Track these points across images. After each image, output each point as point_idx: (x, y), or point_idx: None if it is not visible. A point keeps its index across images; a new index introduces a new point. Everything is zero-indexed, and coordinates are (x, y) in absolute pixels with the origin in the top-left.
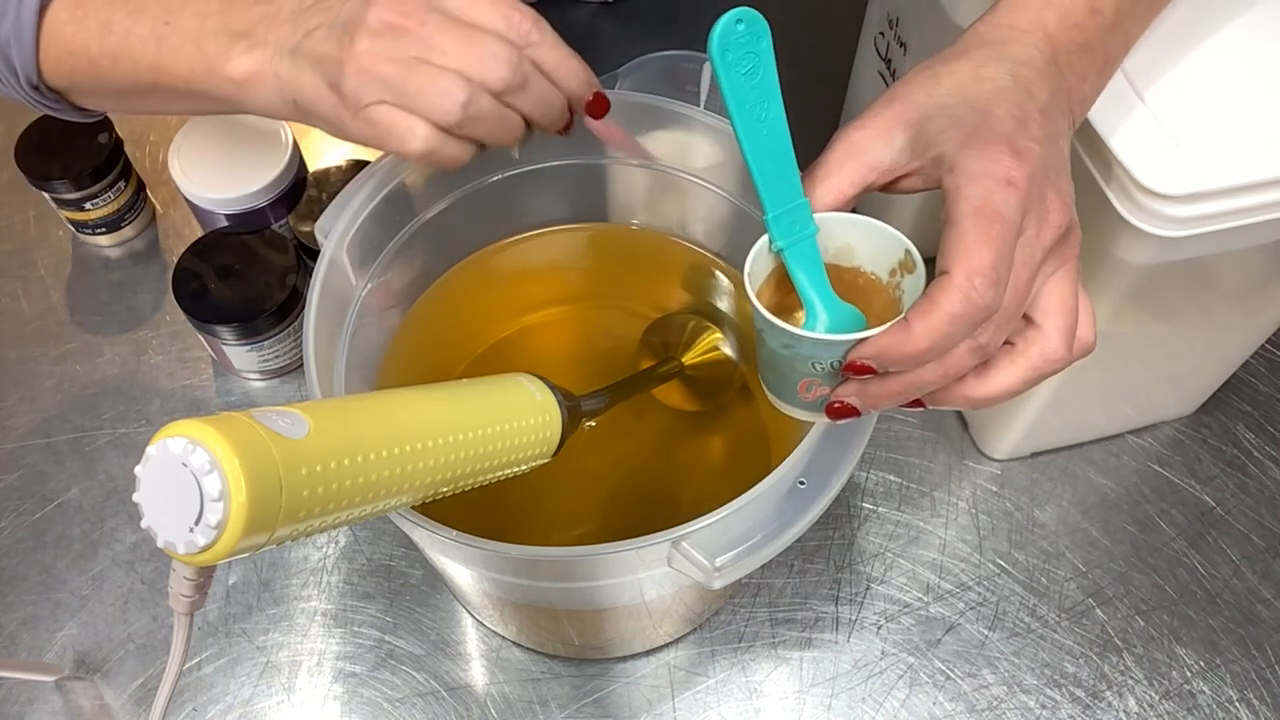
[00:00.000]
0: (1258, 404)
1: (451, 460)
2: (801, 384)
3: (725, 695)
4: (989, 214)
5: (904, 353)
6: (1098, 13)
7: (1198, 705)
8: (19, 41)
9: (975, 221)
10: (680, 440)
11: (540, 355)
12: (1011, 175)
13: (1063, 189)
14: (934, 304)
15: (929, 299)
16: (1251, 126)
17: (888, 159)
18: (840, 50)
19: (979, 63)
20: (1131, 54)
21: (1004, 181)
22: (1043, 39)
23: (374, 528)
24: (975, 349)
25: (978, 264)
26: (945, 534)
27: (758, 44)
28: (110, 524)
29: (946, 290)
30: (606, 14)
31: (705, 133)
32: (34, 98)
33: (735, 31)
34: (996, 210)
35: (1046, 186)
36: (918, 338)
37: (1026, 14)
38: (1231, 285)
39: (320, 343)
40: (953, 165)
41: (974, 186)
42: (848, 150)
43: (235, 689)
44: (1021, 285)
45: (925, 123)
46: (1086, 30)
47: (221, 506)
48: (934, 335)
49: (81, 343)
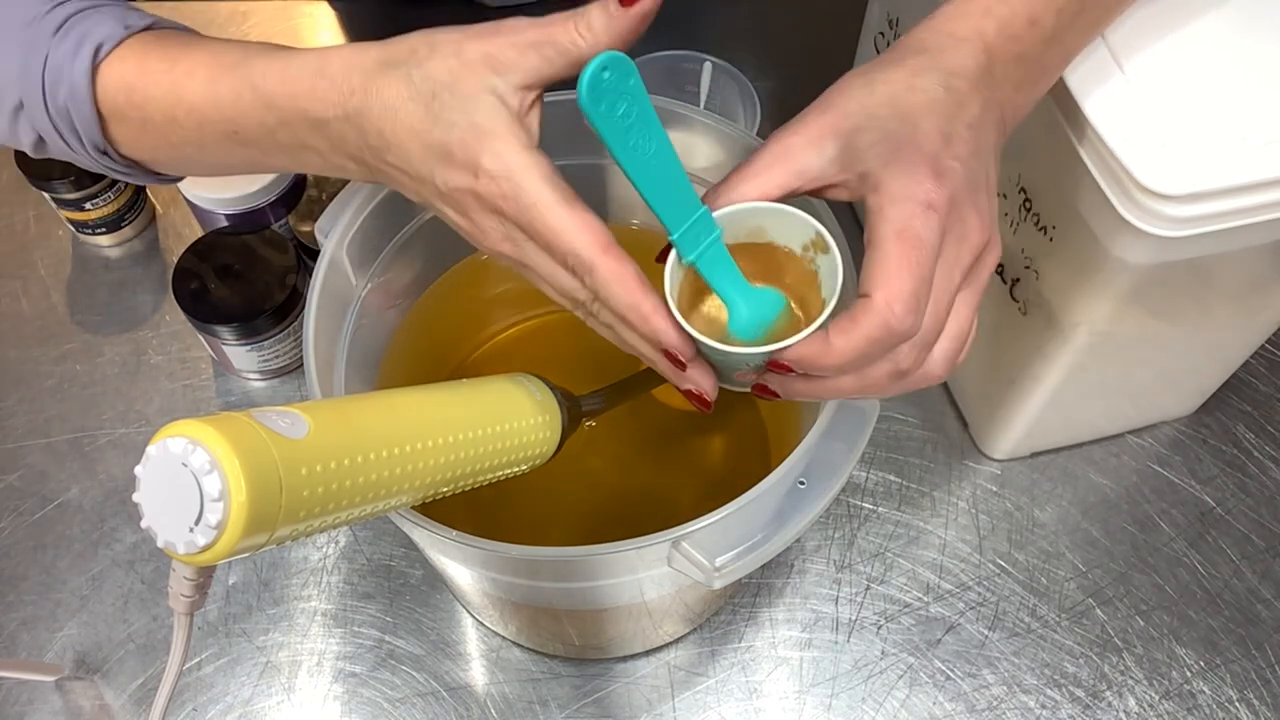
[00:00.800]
0: (1258, 404)
1: (451, 460)
2: (738, 373)
3: (725, 695)
4: (910, 239)
5: (822, 364)
6: (1036, 25)
7: (1198, 705)
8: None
9: (897, 245)
10: (680, 440)
11: (540, 355)
12: (932, 198)
13: (982, 207)
14: (854, 324)
15: (850, 318)
16: (1251, 126)
17: (816, 167)
18: (840, 50)
19: (913, 71)
20: (1131, 53)
21: (925, 205)
22: (980, 48)
23: (374, 528)
24: (895, 373)
25: (898, 290)
26: (945, 534)
27: (626, 84)
28: (110, 524)
29: (867, 313)
30: None
31: (705, 133)
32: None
33: (603, 80)
34: (917, 235)
35: (967, 207)
36: (837, 352)
37: (966, 22)
38: (1231, 285)
39: (320, 343)
40: (877, 184)
41: (896, 209)
42: (779, 153)
43: (235, 689)
44: (941, 309)
45: (855, 134)
46: (1024, 42)
47: (221, 506)
48: (851, 353)
49: (81, 343)
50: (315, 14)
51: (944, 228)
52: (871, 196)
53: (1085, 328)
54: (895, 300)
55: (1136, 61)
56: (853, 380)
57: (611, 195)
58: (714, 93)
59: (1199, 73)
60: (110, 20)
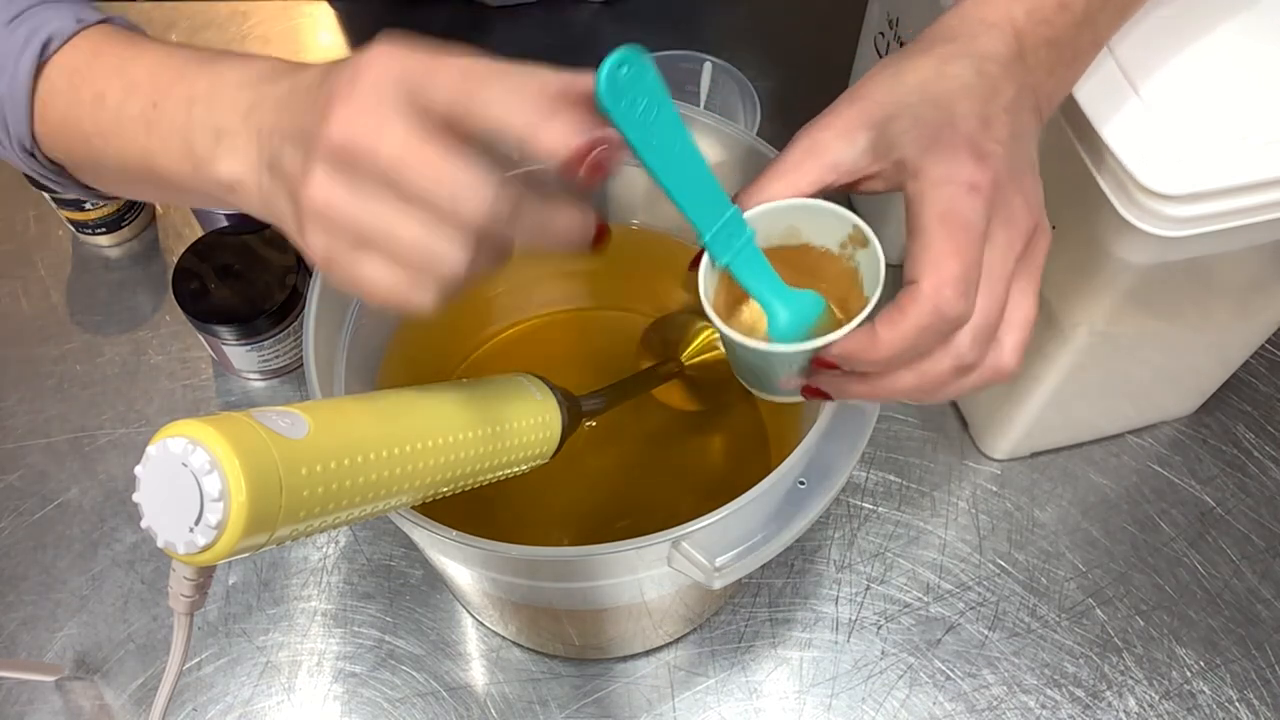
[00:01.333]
0: (1258, 404)
1: (451, 460)
2: (780, 379)
3: (725, 695)
4: (955, 221)
5: (870, 359)
6: (1067, 8)
7: (1198, 705)
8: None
9: (942, 229)
10: (680, 440)
11: (540, 355)
12: (975, 180)
13: (1028, 190)
14: (902, 314)
15: (898, 308)
16: (1252, 126)
17: (849, 160)
18: (840, 50)
19: (943, 59)
20: (1131, 53)
21: (968, 187)
22: (1010, 33)
23: (374, 528)
24: (958, 367)
25: (947, 274)
26: (945, 534)
27: (645, 80)
28: (110, 524)
29: (915, 300)
30: (606, 14)
31: (705, 133)
32: (32, 165)
33: (621, 77)
34: (962, 217)
35: (1012, 189)
36: (884, 345)
37: (995, 8)
38: (1231, 285)
39: (320, 343)
40: (916, 170)
41: (938, 192)
42: (809, 148)
43: (235, 689)
44: (999, 295)
45: (888, 123)
46: (1055, 25)
47: (221, 506)
48: (901, 344)
49: (81, 343)
50: (315, 14)
51: (990, 211)
52: (911, 183)
53: (1085, 328)
54: (945, 284)
55: (1137, 62)
56: (912, 377)
57: (611, 195)
58: (714, 93)
59: (1199, 73)
60: (64, 14)
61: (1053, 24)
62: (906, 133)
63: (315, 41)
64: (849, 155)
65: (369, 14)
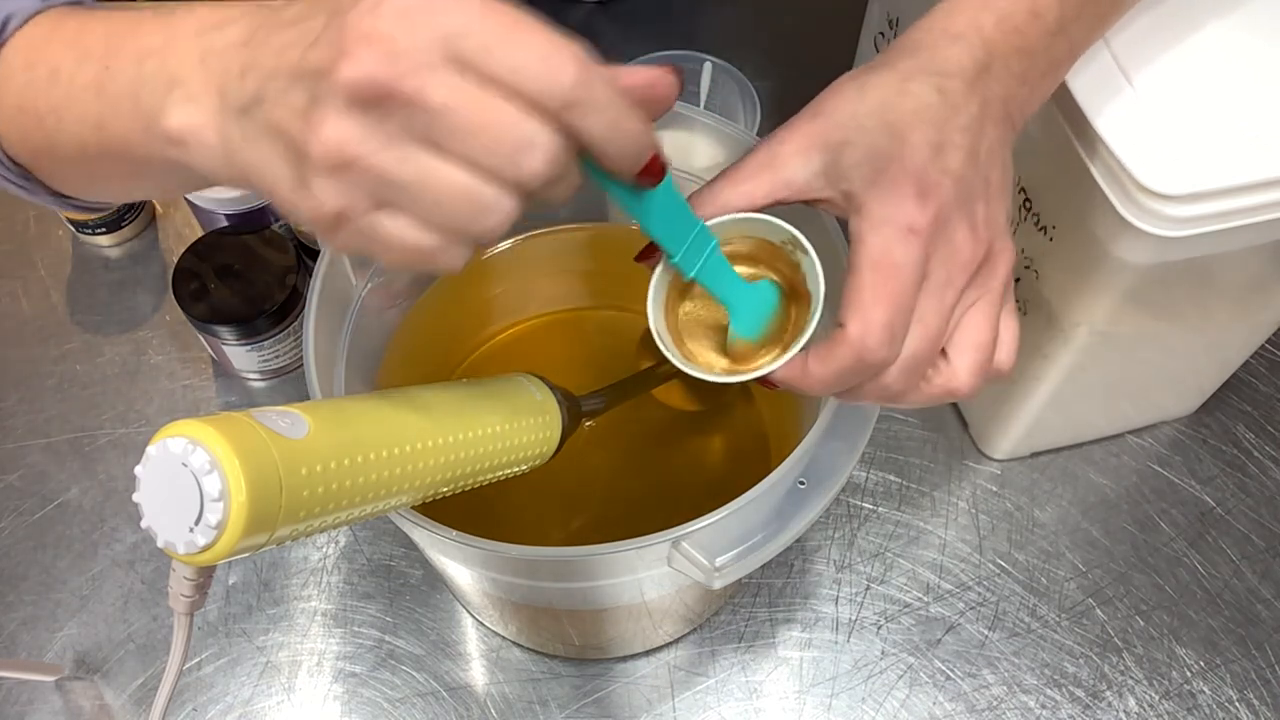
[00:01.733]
0: (1258, 404)
1: (451, 460)
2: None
3: (725, 695)
4: (887, 267)
5: (802, 388)
6: (1039, 17)
7: (1198, 705)
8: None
9: (872, 274)
10: (680, 440)
11: (540, 355)
12: (914, 222)
13: (977, 218)
14: (830, 354)
15: (828, 347)
16: (1252, 126)
17: (801, 179)
18: (840, 50)
19: (905, 75)
20: (1131, 52)
21: (906, 230)
22: (977, 43)
23: (374, 528)
24: (886, 396)
25: (873, 321)
26: (945, 534)
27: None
28: (110, 524)
29: (840, 344)
30: (602, 14)
31: (705, 133)
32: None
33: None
34: (894, 262)
35: (956, 222)
36: (814, 380)
37: (962, 17)
38: (1231, 285)
39: (320, 343)
40: (859, 206)
41: (875, 235)
42: (766, 161)
43: (235, 689)
44: (933, 331)
45: (842, 149)
46: (1027, 35)
47: (221, 506)
48: (829, 380)
49: (81, 343)
50: None
51: (928, 250)
52: (854, 219)
53: (1085, 328)
54: (868, 333)
55: (1137, 61)
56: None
57: None
58: (714, 93)
59: (1199, 72)
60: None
61: (1024, 33)
62: (858, 166)
63: None
64: (802, 175)
65: None
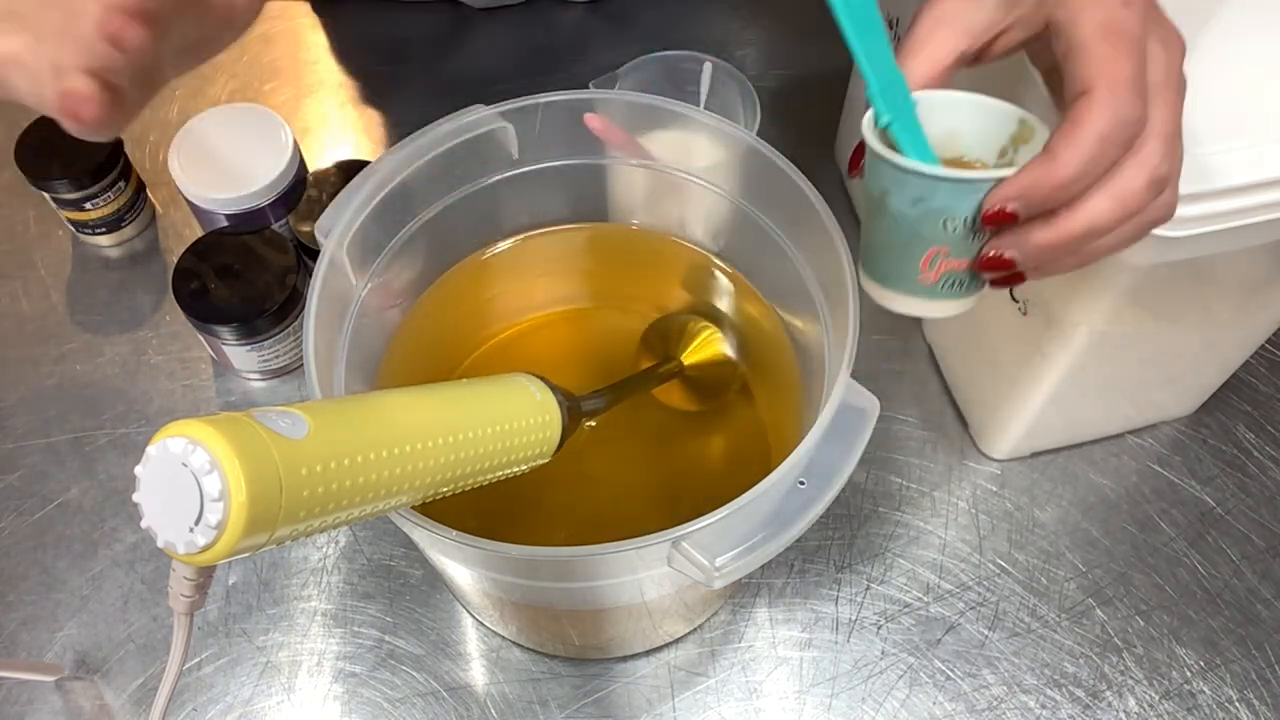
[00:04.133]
0: (1258, 404)
1: (451, 460)
2: (926, 257)
3: (725, 695)
4: (1117, 31)
5: (1052, 183)
6: None
7: (1198, 705)
8: None
9: (1105, 38)
10: (680, 440)
11: (540, 355)
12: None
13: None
14: (1078, 126)
15: (1071, 123)
16: (1252, 126)
17: (980, 19)
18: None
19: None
20: None
21: (1121, 3)
22: None
23: (374, 528)
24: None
25: (1121, 76)
26: (945, 534)
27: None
28: (110, 524)
29: (1091, 107)
30: (595, 15)
31: (705, 133)
32: None
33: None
34: (1123, 27)
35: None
36: (1065, 165)
37: None
38: (1231, 285)
39: (320, 343)
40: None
41: (1094, 9)
42: (937, 19)
43: (235, 689)
44: (1175, 107)
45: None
46: None
47: (221, 506)
48: (1083, 160)
49: (81, 343)
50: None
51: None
52: (1059, 11)
53: (1085, 328)
54: (1120, 85)
55: None
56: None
57: (611, 195)
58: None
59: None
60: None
61: None
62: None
63: (318, 40)
64: (979, 15)
65: (351, 17)
